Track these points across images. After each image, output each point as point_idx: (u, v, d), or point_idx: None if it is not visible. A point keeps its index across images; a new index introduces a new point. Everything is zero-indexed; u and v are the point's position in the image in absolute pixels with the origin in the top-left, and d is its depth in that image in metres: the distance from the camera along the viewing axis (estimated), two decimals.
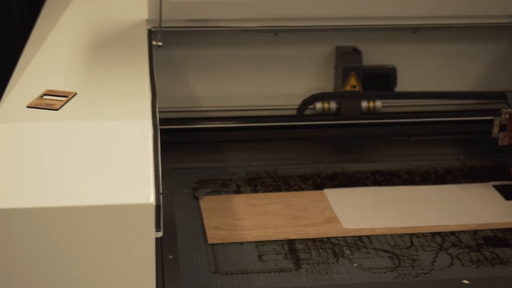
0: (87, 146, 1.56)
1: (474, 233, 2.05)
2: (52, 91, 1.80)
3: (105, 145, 1.57)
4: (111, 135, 1.61)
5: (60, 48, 2.13)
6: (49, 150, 1.55)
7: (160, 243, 1.89)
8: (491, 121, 2.32)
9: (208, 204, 2.17)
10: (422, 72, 2.57)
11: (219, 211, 2.14)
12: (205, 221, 2.08)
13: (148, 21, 2.31)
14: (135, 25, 2.31)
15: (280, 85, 2.53)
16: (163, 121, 1.76)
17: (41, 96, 1.77)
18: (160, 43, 2.25)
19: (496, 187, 2.30)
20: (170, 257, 1.89)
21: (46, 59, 2.03)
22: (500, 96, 2.42)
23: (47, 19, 2.45)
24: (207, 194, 2.24)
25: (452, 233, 2.05)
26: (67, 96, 1.77)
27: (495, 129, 2.32)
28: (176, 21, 2.32)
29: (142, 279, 1.44)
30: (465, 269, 1.90)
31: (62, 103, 1.73)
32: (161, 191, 1.47)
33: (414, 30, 2.52)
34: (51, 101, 1.74)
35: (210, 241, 1.99)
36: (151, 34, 2.24)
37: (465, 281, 1.84)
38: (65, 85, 1.83)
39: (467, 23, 2.44)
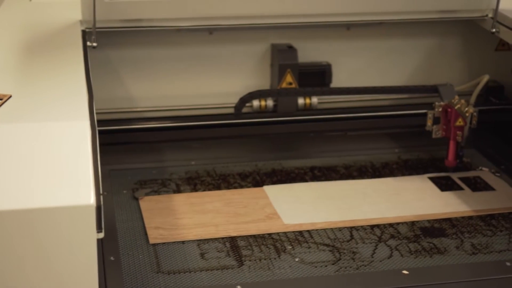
0: (25, 149, 1.54)
1: (412, 224, 2.09)
2: None
3: (43, 147, 1.55)
4: (48, 136, 1.59)
5: None
6: None
7: (101, 245, 1.87)
8: (425, 114, 2.38)
9: (148, 205, 2.16)
10: (357, 68, 2.60)
11: (160, 211, 2.13)
12: (146, 221, 2.07)
13: (82, 22, 2.29)
14: (69, 26, 2.28)
15: (216, 84, 2.53)
16: (99, 122, 1.74)
17: None
18: (94, 44, 2.23)
19: (431, 179, 2.35)
20: (112, 258, 1.88)
21: None
22: (432, 90, 2.47)
23: None
24: (147, 194, 2.23)
25: (391, 225, 2.09)
26: (2, 99, 1.74)
27: (429, 122, 2.37)
28: (110, 21, 2.30)
29: (85, 281, 1.42)
30: (404, 259, 1.93)
31: None
32: (101, 192, 1.45)
33: (348, 27, 2.55)
34: None
35: (151, 241, 1.98)
36: (85, 35, 2.21)
37: (405, 272, 1.87)
38: None
39: (398, 19, 2.47)
